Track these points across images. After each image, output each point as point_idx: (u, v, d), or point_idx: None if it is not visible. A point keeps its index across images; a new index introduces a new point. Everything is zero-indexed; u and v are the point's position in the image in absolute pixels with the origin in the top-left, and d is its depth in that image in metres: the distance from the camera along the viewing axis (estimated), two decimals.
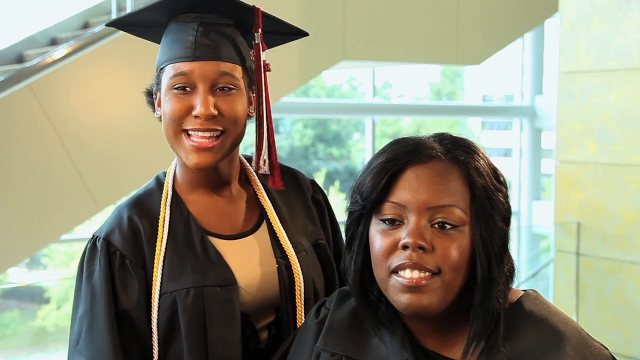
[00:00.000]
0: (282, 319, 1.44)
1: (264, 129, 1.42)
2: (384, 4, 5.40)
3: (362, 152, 9.20)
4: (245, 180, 1.51)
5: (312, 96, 10.05)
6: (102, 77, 4.16)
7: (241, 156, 1.52)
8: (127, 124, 4.19)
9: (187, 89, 1.35)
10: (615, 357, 1.16)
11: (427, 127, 10.20)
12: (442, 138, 1.18)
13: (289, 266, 1.44)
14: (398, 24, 5.45)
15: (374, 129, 7.59)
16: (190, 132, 1.35)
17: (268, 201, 1.48)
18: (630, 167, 4.22)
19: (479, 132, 11.15)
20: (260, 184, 1.50)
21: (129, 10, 4.42)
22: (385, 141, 1.21)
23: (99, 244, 1.40)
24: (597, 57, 4.36)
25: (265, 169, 1.43)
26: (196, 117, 1.33)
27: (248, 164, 1.52)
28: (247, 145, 1.53)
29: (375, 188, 1.14)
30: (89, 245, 1.42)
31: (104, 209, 4.18)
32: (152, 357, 1.38)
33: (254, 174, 1.50)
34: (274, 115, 1.46)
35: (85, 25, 5.17)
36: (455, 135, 1.19)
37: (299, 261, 1.45)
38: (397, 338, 1.17)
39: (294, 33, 1.48)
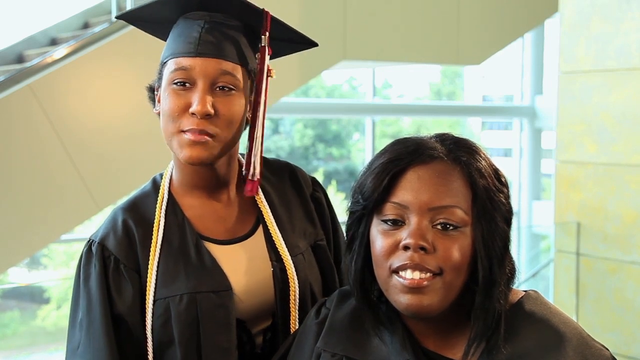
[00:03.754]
0: (278, 323, 1.42)
1: (257, 133, 1.39)
2: (384, 3, 5.40)
3: (362, 152, 9.20)
4: (243, 183, 1.47)
5: (312, 96, 10.05)
6: (102, 77, 4.16)
7: (240, 158, 1.49)
8: (127, 124, 4.19)
9: (187, 84, 1.33)
10: (616, 357, 1.16)
11: (427, 127, 10.20)
12: (443, 138, 1.18)
13: (284, 270, 1.42)
14: (398, 24, 5.45)
15: (374, 129, 7.58)
16: (186, 134, 1.33)
17: (265, 204, 1.46)
18: (630, 167, 4.22)
19: (479, 132, 11.15)
20: (259, 188, 1.47)
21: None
22: (385, 141, 1.21)
23: (94, 248, 1.39)
24: (597, 57, 4.36)
25: (255, 173, 1.40)
26: (193, 114, 1.31)
27: None
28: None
29: (377, 188, 1.13)
30: (85, 250, 1.40)
31: (104, 209, 4.17)
32: None
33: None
34: (274, 115, 1.44)
35: (85, 25, 5.16)
36: (456, 135, 1.19)
37: (295, 265, 1.43)
38: (398, 338, 1.17)
39: (303, 42, 1.45)
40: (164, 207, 1.41)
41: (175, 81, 1.33)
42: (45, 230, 4.05)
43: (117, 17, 1.46)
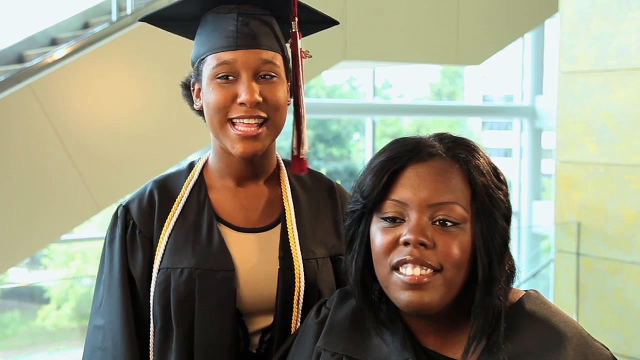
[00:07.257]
0: (277, 324, 1.42)
1: (302, 115, 1.44)
2: (384, 4, 5.40)
3: (362, 152, 9.20)
4: (276, 181, 1.51)
5: (312, 96, 10.03)
6: (102, 77, 4.16)
7: (279, 157, 1.53)
8: (127, 124, 4.19)
9: (230, 77, 1.36)
10: (616, 357, 1.16)
11: (427, 127, 10.19)
12: (442, 137, 1.18)
13: (291, 269, 1.42)
14: (398, 24, 5.46)
15: (374, 129, 7.59)
16: (235, 121, 1.37)
17: (291, 203, 1.48)
18: (630, 167, 4.22)
19: (479, 132, 11.14)
20: (289, 186, 1.50)
21: (129, 10, 4.43)
22: (385, 141, 1.21)
23: (119, 211, 1.46)
24: (597, 57, 4.36)
25: (304, 153, 1.45)
26: (241, 104, 1.35)
27: (284, 166, 1.52)
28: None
29: (376, 186, 1.14)
30: (114, 212, 1.47)
31: (104, 209, 4.17)
32: (149, 332, 1.41)
33: (287, 176, 1.51)
34: None
35: (85, 25, 5.17)
36: (455, 134, 1.19)
37: (306, 268, 1.43)
38: (398, 337, 1.17)
39: (325, 22, 1.50)
40: (191, 184, 1.47)
41: (219, 75, 1.37)
42: (45, 230, 4.05)
43: (140, 20, 1.47)
